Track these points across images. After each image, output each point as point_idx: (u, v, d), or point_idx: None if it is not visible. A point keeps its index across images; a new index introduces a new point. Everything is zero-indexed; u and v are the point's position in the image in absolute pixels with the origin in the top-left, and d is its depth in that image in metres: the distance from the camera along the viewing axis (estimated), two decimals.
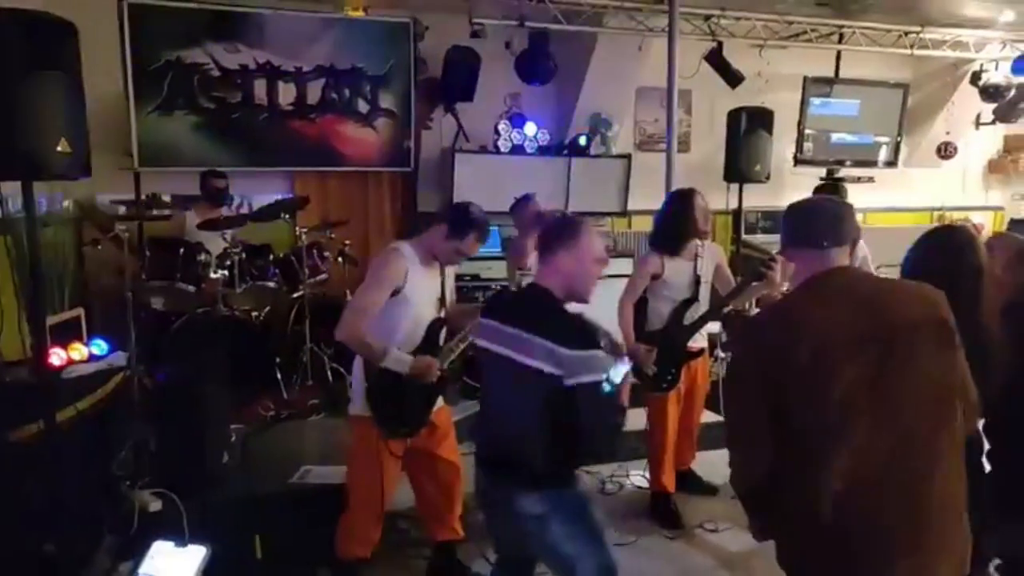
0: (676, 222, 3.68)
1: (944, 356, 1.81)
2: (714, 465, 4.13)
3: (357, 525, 2.94)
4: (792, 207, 2.09)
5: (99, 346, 3.74)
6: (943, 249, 2.30)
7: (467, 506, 3.16)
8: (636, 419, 4.39)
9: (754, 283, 3.48)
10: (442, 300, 2.94)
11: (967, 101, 7.76)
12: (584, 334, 2.17)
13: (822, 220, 1.96)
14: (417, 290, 2.80)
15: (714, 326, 4.29)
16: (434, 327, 2.88)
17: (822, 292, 1.86)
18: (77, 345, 3.60)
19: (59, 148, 2.56)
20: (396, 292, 2.74)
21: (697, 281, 3.68)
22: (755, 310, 4.35)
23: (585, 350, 2.10)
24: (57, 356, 3.39)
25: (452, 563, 3.18)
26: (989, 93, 7.43)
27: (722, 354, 4.98)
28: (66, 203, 5.16)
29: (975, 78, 7.45)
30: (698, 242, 3.72)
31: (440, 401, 3.03)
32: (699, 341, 3.78)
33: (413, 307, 2.80)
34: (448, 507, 3.11)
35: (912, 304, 1.83)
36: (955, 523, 1.79)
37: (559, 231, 2.31)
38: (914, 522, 1.73)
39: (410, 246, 2.85)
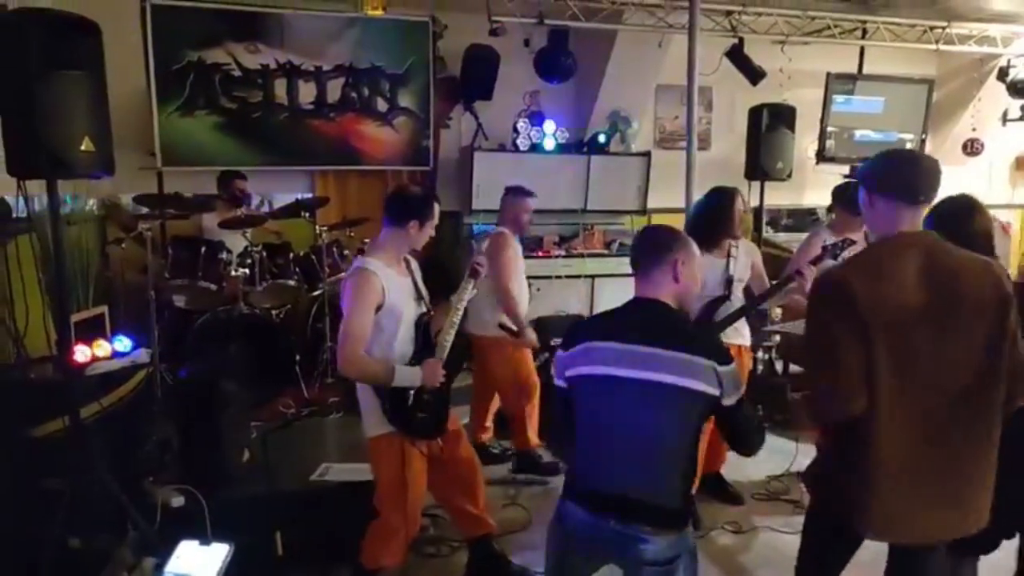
0: (716, 217, 3.62)
1: (999, 329, 1.87)
2: (742, 468, 4.11)
3: (396, 536, 2.87)
4: (893, 152, 2.02)
5: (123, 343, 3.76)
6: (951, 216, 2.28)
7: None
8: None
9: (791, 284, 3.43)
10: (419, 293, 2.92)
11: (994, 97, 7.62)
12: (725, 349, 2.10)
13: (928, 174, 1.88)
14: (398, 296, 2.79)
15: None
16: (421, 322, 2.88)
17: (908, 252, 1.87)
18: (101, 342, 3.62)
19: (83, 147, 2.59)
20: (379, 307, 2.73)
21: (730, 280, 3.62)
22: (779, 311, 4.28)
23: (730, 364, 2.03)
24: (81, 353, 3.40)
25: (492, 556, 3.20)
26: (1017, 89, 7.29)
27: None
28: (91, 202, 5.23)
29: (1002, 74, 7.31)
30: (732, 241, 3.67)
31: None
32: (735, 338, 3.66)
33: (401, 313, 2.80)
34: (475, 504, 3.12)
35: (981, 284, 1.87)
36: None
37: (672, 240, 2.15)
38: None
39: (372, 258, 2.79)
